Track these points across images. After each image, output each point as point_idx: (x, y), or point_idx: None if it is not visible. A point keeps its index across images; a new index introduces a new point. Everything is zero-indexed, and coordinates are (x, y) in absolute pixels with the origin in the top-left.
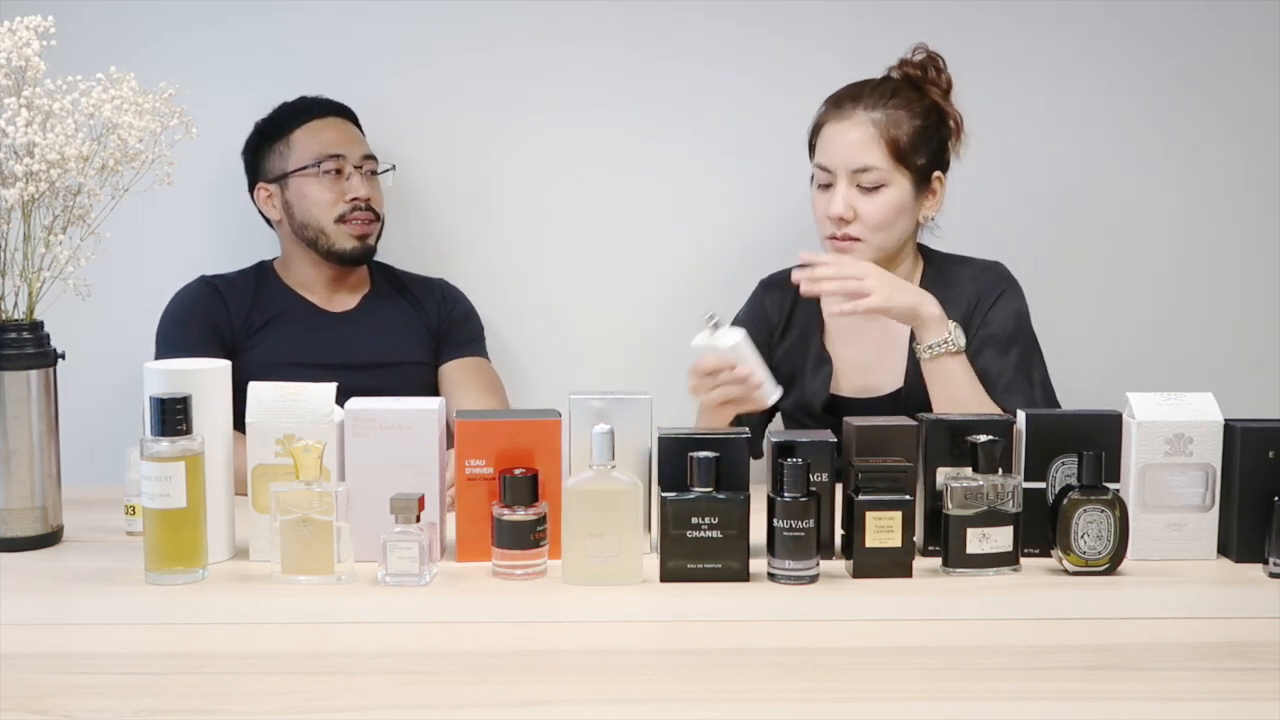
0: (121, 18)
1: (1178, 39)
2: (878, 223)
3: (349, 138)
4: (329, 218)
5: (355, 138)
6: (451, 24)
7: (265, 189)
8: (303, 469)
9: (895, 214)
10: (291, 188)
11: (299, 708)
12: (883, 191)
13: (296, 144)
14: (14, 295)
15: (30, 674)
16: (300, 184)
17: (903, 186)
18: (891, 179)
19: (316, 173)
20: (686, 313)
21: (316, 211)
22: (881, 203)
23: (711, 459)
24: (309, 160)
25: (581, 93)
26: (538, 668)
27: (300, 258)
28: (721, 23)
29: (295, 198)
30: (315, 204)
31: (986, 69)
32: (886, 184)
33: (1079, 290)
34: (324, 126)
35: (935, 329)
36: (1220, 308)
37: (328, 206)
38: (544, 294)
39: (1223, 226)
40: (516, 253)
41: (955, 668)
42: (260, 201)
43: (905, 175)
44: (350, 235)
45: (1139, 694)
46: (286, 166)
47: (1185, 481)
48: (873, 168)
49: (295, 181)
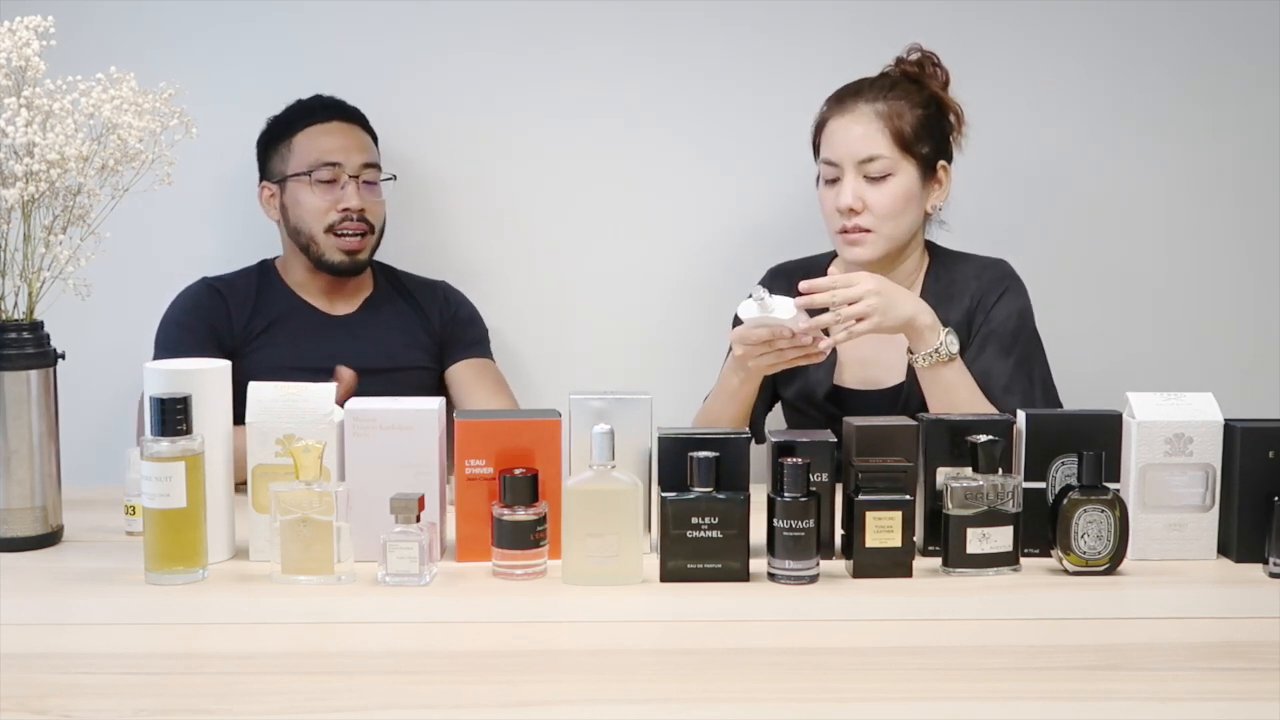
0: (121, 18)
1: (1180, 38)
2: (887, 211)
3: (350, 144)
4: (319, 227)
5: (357, 144)
6: (453, 26)
7: (268, 188)
8: (303, 469)
9: (904, 202)
10: (288, 191)
11: (299, 708)
12: (890, 180)
13: (296, 147)
14: (14, 295)
15: (30, 674)
16: (295, 189)
17: (909, 174)
18: (898, 167)
19: (310, 180)
20: (687, 313)
21: (309, 219)
22: (889, 191)
23: (711, 459)
24: (304, 166)
25: (581, 96)
26: (538, 668)
27: (296, 261)
28: (723, 26)
29: (290, 202)
30: (307, 211)
31: (988, 69)
32: (893, 173)
33: (1079, 290)
34: (325, 131)
35: (927, 339)
36: (1220, 308)
37: (319, 215)
38: (544, 294)
39: (1223, 226)
40: (517, 253)
41: (955, 668)
42: (263, 200)
43: (911, 163)
44: (339, 249)
45: (1139, 694)
46: (286, 169)
47: (1185, 481)
48: (879, 156)
49: (291, 186)
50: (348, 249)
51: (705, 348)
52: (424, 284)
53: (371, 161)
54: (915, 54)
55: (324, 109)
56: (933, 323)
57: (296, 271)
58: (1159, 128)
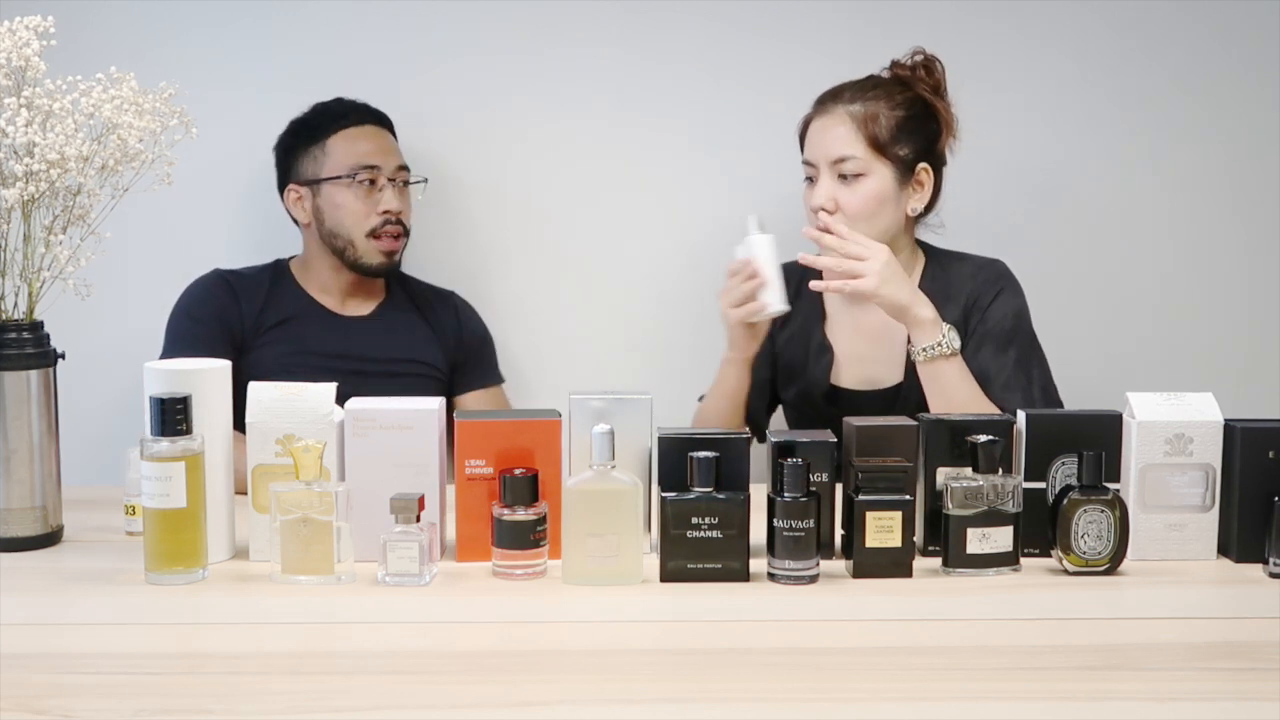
0: (121, 18)
1: (1178, 38)
2: (858, 212)
3: (385, 148)
4: (360, 231)
5: (391, 148)
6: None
7: (296, 190)
8: (303, 469)
9: (876, 204)
10: (323, 194)
11: (299, 708)
12: (862, 181)
13: (333, 150)
14: (14, 295)
15: (30, 674)
16: (333, 192)
17: (883, 176)
18: (870, 169)
19: (350, 183)
20: (687, 314)
21: (349, 222)
22: (861, 192)
23: (711, 459)
24: (344, 170)
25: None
26: (538, 668)
27: (323, 262)
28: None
29: (327, 205)
30: (348, 214)
31: (986, 69)
32: (865, 174)
33: (1079, 290)
34: (361, 135)
35: (928, 332)
36: (1220, 308)
37: (360, 218)
38: (544, 294)
39: (1223, 226)
40: (517, 253)
41: (955, 668)
42: (290, 203)
43: (886, 165)
44: (379, 250)
45: (1139, 694)
46: (320, 172)
47: (1185, 481)
48: (850, 157)
49: (328, 189)
50: (387, 250)
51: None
52: (436, 293)
53: (404, 164)
54: (916, 56)
55: (356, 113)
56: (934, 318)
57: (319, 273)
58: (1158, 128)
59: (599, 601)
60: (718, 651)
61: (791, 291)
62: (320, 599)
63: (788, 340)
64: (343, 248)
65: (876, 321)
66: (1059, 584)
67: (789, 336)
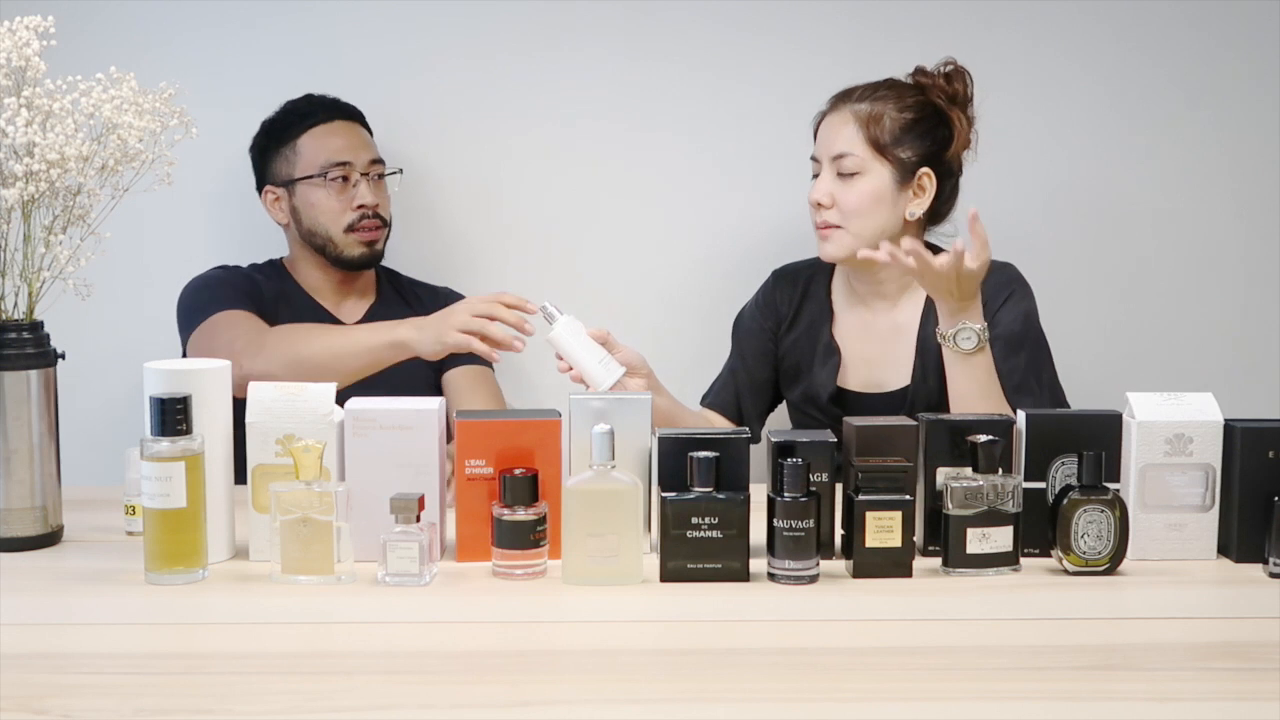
0: (121, 18)
1: (1181, 42)
2: (852, 209)
3: (356, 143)
4: (337, 227)
5: (362, 142)
6: (454, 27)
7: (273, 192)
8: (303, 469)
9: (871, 202)
10: (298, 194)
11: (299, 708)
12: (859, 179)
13: (303, 149)
14: (14, 295)
15: (30, 674)
16: (307, 191)
17: (880, 176)
18: (868, 167)
19: (323, 181)
20: (688, 314)
21: (325, 220)
22: (857, 190)
23: (711, 459)
24: (315, 168)
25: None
26: (538, 668)
27: (308, 261)
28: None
29: (302, 204)
30: (323, 212)
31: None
32: (862, 172)
33: (1080, 290)
34: (330, 132)
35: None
36: (1220, 308)
37: (336, 215)
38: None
39: (1223, 227)
40: (517, 253)
41: (955, 668)
42: (268, 204)
43: (885, 165)
44: (359, 242)
45: (1139, 694)
46: (293, 172)
47: (1185, 481)
48: (848, 154)
49: (302, 188)
50: (367, 241)
51: (706, 349)
52: (429, 290)
53: (378, 158)
54: (946, 66)
55: (324, 109)
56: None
57: (307, 273)
58: (1160, 128)
59: (599, 601)
60: (718, 651)
61: (799, 292)
62: (320, 599)
63: (794, 343)
64: (322, 245)
65: (885, 324)
66: (1059, 584)
67: (795, 339)
